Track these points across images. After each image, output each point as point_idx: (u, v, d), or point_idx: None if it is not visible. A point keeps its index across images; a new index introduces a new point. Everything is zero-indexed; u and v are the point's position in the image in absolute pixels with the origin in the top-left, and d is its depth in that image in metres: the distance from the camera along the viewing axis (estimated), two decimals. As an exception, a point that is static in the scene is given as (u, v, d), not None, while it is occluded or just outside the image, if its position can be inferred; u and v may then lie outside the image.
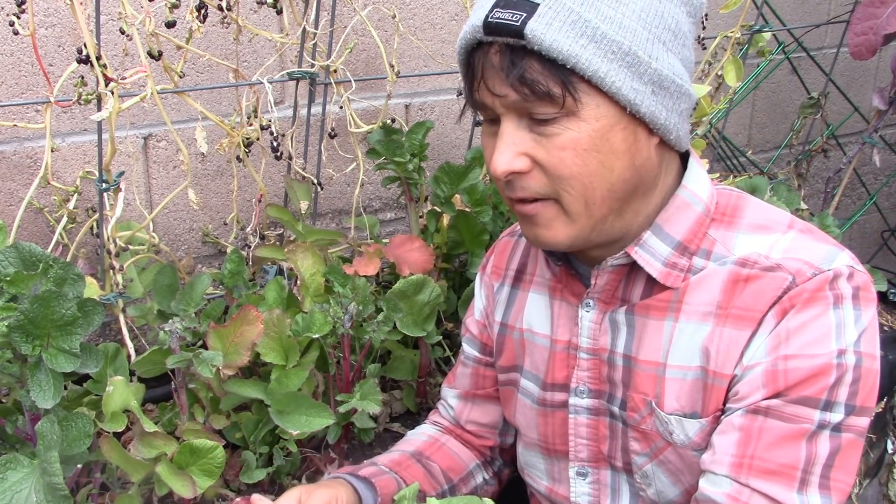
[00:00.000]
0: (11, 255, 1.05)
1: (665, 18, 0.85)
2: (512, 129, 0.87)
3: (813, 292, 0.87)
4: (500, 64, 0.84)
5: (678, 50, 0.87)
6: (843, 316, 0.87)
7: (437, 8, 1.84)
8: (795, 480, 0.85)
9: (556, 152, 0.86)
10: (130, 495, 1.12)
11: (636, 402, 0.97)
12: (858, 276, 0.89)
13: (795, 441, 0.85)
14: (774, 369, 0.86)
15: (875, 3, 1.85)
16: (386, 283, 1.59)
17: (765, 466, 0.86)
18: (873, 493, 1.99)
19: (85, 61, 1.16)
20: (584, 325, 1.01)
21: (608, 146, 0.85)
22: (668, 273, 0.94)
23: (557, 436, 1.07)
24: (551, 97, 0.83)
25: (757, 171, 2.37)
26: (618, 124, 0.85)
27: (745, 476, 0.86)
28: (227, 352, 1.20)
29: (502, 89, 0.85)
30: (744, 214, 0.96)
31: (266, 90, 1.39)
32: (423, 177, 1.62)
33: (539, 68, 0.82)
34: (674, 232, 0.94)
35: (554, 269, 1.07)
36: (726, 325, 0.90)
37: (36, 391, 0.99)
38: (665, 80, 0.85)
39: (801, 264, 0.89)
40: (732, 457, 0.87)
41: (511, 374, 1.13)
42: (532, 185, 0.88)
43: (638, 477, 1.00)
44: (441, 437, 1.21)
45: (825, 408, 0.86)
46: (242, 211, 1.67)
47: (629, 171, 0.88)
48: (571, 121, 0.84)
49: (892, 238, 2.80)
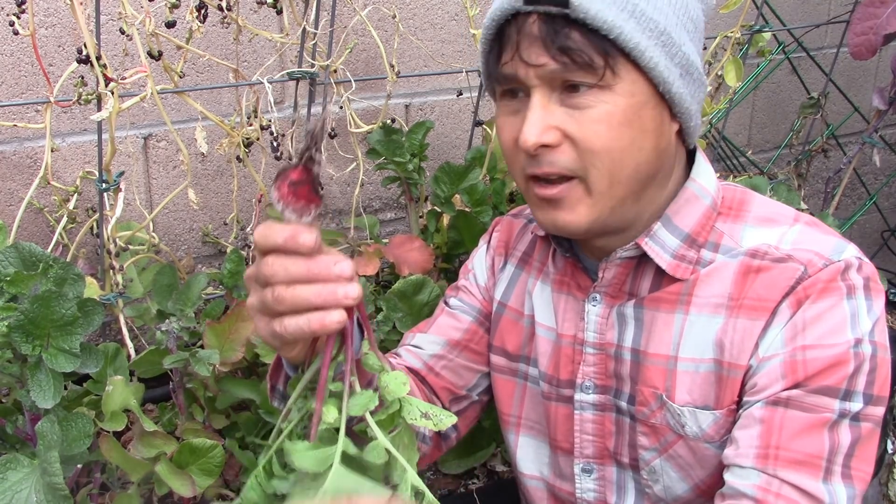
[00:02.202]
0: (11, 255, 1.05)
1: (689, 9, 0.88)
2: (544, 102, 0.87)
3: (826, 282, 0.88)
4: (540, 33, 0.84)
5: (697, 41, 0.91)
6: (857, 306, 0.88)
7: (437, 8, 1.84)
8: (821, 470, 0.85)
9: (590, 125, 0.86)
10: (130, 495, 1.13)
11: (645, 395, 0.97)
12: (867, 267, 0.90)
13: (818, 431, 0.85)
14: (793, 360, 0.87)
15: (875, 3, 1.85)
16: (386, 283, 1.59)
17: (791, 457, 0.85)
18: (873, 494, 1.99)
19: (85, 61, 1.16)
20: (591, 319, 1.01)
21: (640, 123, 0.87)
22: (676, 265, 0.95)
23: (561, 432, 1.06)
24: (592, 68, 0.84)
25: (757, 171, 2.37)
26: (649, 102, 0.87)
27: (772, 467, 0.85)
28: (223, 348, 1.20)
29: (540, 58, 0.85)
30: (750, 208, 0.97)
31: (266, 90, 1.39)
32: (423, 177, 1.62)
33: (581, 38, 0.83)
34: (683, 224, 0.95)
35: (559, 262, 1.06)
36: (739, 316, 0.91)
37: (36, 391, 0.99)
38: (691, 65, 0.88)
39: (811, 255, 0.90)
40: (757, 448, 0.87)
41: (516, 364, 1.10)
42: (561, 160, 0.88)
43: (645, 473, 1.00)
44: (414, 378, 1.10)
45: (844, 397, 0.86)
46: (242, 211, 1.67)
47: (654, 153, 0.89)
48: (606, 94, 0.85)
49: (892, 238, 2.80)
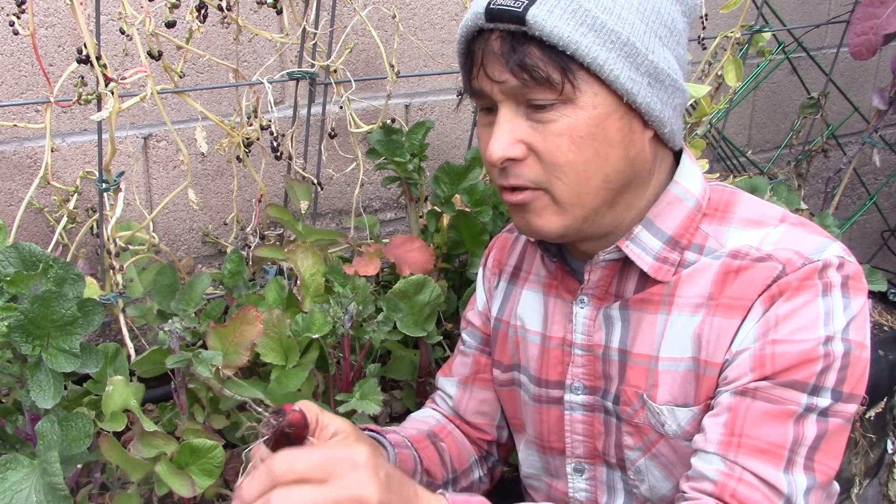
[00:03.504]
0: (11, 255, 1.05)
1: (661, 14, 0.88)
2: (509, 116, 0.88)
3: (801, 280, 0.88)
4: (500, 49, 0.86)
5: (673, 46, 0.90)
6: (832, 304, 0.88)
7: (437, 8, 1.84)
8: (783, 460, 0.85)
9: (552, 139, 0.87)
10: (130, 495, 1.12)
11: (629, 395, 0.98)
12: (849, 266, 0.90)
13: (782, 421, 0.86)
14: (762, 353, 0.87)
15: (875, 3, 1.85)
16: (386, 283, 1.59)
17: (753, 444, 0.86)
18: (873, 493, 1.99)
19: (85, 61, 1.16)
20: (579, 321, 1.02)
21: (603, 135, 0.87)
22: (658, 267, 0.95)
23: (553, 432, 1.08)
24: (550, 83, 0.84)
25: (757, 171, 2.37)
26: (614, 114, 0.87)
27: (733, 453, 0.86)
28: (227, 352, 1.20)
29: (502, 75, 0.86)
30: (736, 210, 0.97)
31: (266, 90, 1.39)
32: (423, 177, 1.62)
33: (539, 54, 0.84)
34: (665, 226, 0.95)
35: (549, 266, 1.07)
36: (716, 314, 0.91)
37: (36, 391, 0.99)
38: (661, 72, 0.87)
39: (791, 254, 0.90)
40: (721, 435, 0.87)
41: (510, 374, 1.14)
42: (526, 173, 0.89)
43: (631, 473, 1.01)
44: (448, 425, 1.21)
45: (812, 392, 0.86)
46: (242, 211, 1.67)
47: (623, 162, 0.89)
48: (568, 108, 0.86)
49: (892, 238, 2.80)
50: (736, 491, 0.85)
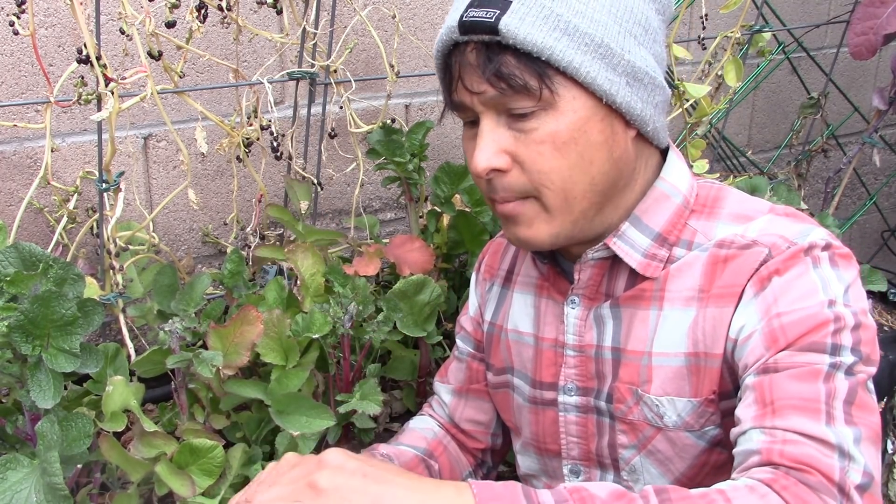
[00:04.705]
0: (11, 255, 1.05)
1: (635, 13, 0.88)
2: (491, 127, 0.89)
3: (787, 260, 0.87)
4: (476, 61, 0.86)
5: (649, 45, 0.90)
6: (825, 275, 0.87)
7: (437, 8, 1.84)
8: (821, 413, 0.80)
9: (534, 147, 0.87)
10: (130, 495, 1.12)
11: (622, 392, 0.97)
12: (835, 248, 0.89)
13: (811, 381, 0.82)
14: (771, 329, 0.86)
15: (875, 3, 1.85)
16: (386, 283, 1.59)
17: (787, 404, 0.81)
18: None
19: (85, 61, 1.16)
20: (570, 322, 1.02)
21: (586, 138, 0.87)
22: (647, 264, 0.95)
23: (548, 434, 1.08)
24: (528, 90, 0.85)
25: (757, 171, 2.37)
26: (595, 116, 0.87)
27: (770, 420, 0.82)
28: (227, 352, 1.20)
29: (480, 86, 0.87)
30: (724, 205, 0.97)
31: (266, 90, 1.39)
32: (423, 177, 1.62)
33: (515, 62, 0.84)
34: (653, 223, 0.95)
35: (541, 267, 1.08)
36: (709, 305, 0.91)
37: (36, 391, 0.99)
38: (639, 71, 0.88)
39: (776, 238, 0.89)
40: (754, 412, 0.83)
41: (503, 377, 1.14)
42: (512, 184, 0.90)
43: (625, 473, 1.00)
44: (444, 437, 1.21)
45: (833, 352, 0.83)
46: (242, 211, 1.67)
47: (608, 164, 0.89)
48: (549, 114, 0.86)
49: (892, 238, 2.80)
50: (783, 451, 0.79)
